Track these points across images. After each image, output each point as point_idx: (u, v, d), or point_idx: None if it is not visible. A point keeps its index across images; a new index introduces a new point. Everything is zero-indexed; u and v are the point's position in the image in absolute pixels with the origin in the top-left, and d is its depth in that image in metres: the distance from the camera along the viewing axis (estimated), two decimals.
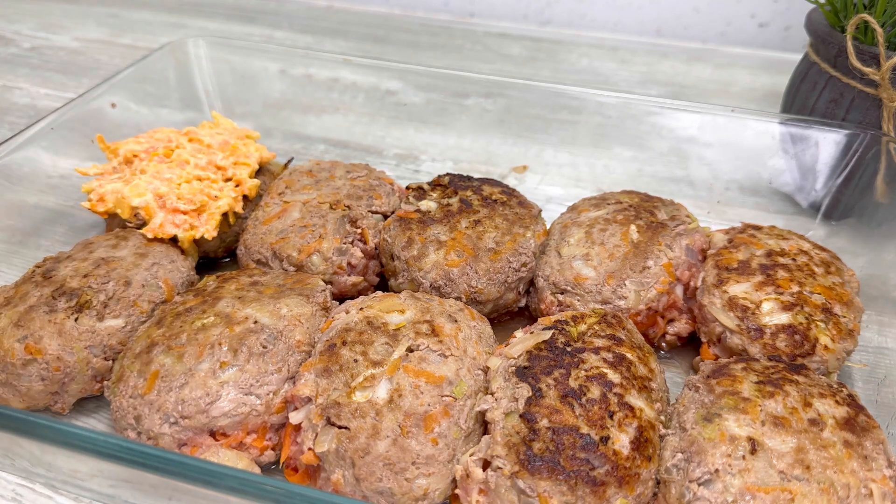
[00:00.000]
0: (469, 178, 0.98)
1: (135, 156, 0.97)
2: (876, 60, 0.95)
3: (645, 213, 0.90)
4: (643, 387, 0.69)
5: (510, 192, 0.96)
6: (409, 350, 0.71)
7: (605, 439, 0.62)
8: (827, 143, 1.00)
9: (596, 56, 1.63)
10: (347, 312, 0.77)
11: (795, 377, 0.69)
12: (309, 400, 0.68)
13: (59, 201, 1.06)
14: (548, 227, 0.94)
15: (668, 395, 0.75)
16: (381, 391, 0.67)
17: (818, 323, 0.76)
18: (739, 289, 0.80)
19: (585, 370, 0.67)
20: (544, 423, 0.63)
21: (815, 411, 0.65)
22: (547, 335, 0.72)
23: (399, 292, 0.81)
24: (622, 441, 0.63)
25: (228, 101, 1.26)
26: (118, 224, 0.94)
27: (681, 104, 1.11)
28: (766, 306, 0.78)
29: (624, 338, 0.73)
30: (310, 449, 0.66)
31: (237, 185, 0.97)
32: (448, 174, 0.99)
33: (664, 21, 1.76)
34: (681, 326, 0.85)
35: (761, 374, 0.69)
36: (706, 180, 1.12)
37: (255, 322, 0.74)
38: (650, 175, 1.14)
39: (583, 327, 0.74)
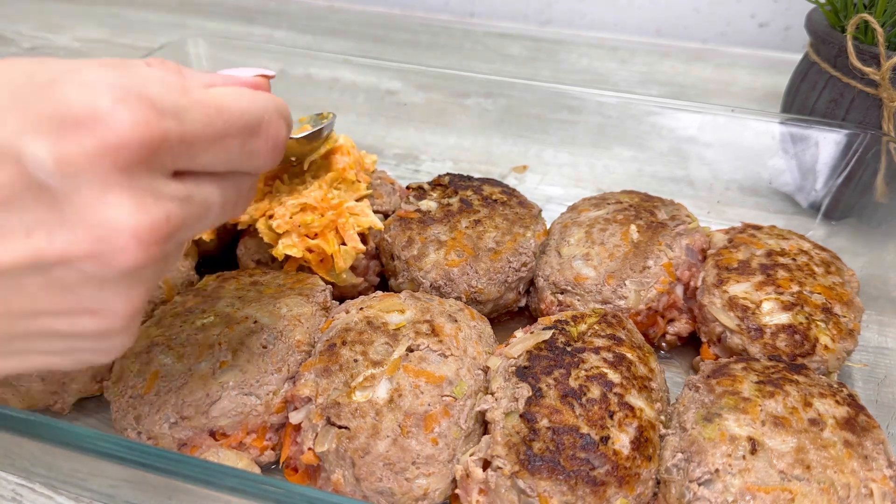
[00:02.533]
0: (469, 178, 0.98)
1: None
2: (876, 60, 0.95)
3: (645, 213, 0.90)
4: (643, 387, 0.69)
5: (510, 192, 0.96)
6: (410, 350, 0.71)
7: (605, 439, 0.62)
8: (827, 143, 1.00)
9: (596, 56, 1.63)
10: (347, 312, 0.77)
11: (795, 377, 0.69)
12: (309, 400, 0.68)
13: None
14: (548, 226, 0.94)
15: (668, 395, 0.74)
16: (381, 391, 0.67)
17: (818, 323, 0.76)
18: (739, 289, 0.80)
19: (585, 370, 0.67)
20: (544, 422, 0.63)
21: (816, 411, 0.65)
22: (547, 335, 0.72)
23: (399, 292, 0.81)
24: (622, 441, 0.63)
25: None
26: None
27: (681, 104, 1.10)
28: (766, 306, 0.78)
29: (624, 338, 0.73)
30: (310, 449, 0.66)
31: None
32: (448, 174, 0.99)
33: (664, 21, 1.76)
34: (681, 326, 0.85)
35: (761, 374, 0.69)
36: (706, 180, 1.12)
37: (255, 322, 0.74)
38: (650, 175, 1.14)
39: (583, 327, 0.74)
